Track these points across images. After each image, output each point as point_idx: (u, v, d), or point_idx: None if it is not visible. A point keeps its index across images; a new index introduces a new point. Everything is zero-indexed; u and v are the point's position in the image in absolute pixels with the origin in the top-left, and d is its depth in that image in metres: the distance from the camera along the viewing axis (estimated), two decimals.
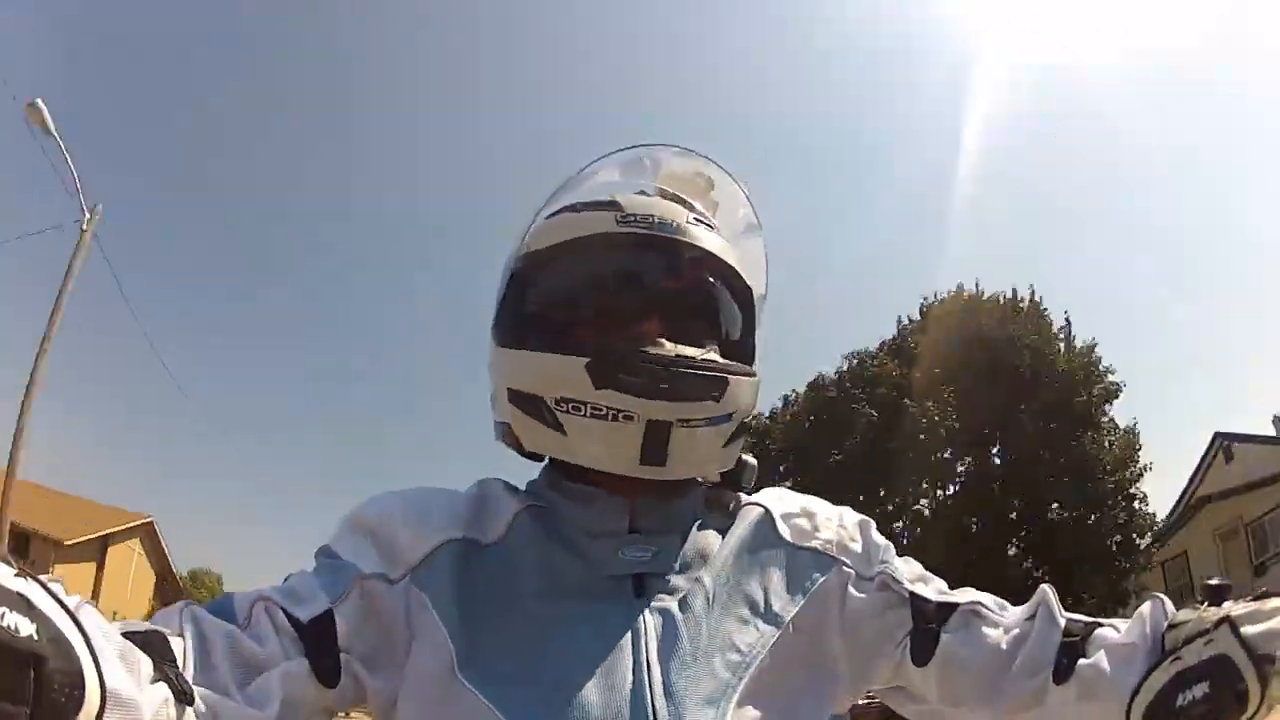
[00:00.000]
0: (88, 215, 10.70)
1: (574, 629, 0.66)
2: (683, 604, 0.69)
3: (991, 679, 0.69)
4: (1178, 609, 0.64)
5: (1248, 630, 0.55)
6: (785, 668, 0.68)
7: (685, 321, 0.72)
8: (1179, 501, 20.02)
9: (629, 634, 0.66)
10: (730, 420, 0.71)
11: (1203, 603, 0.62)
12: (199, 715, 0.53)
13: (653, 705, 0.62)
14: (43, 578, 0.43)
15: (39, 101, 9.97)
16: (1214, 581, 0.62)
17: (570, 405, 0.68)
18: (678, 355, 0.68)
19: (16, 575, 0.41)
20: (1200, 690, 0.56)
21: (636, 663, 0.64)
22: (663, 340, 0.69)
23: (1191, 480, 20.23)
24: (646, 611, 0.67)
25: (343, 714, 0.73)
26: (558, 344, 0.70)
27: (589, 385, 0.67)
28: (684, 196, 0.78)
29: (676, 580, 0.70)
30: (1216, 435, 19.53)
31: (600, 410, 0.66)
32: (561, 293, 0.75)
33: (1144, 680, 0.60)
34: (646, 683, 0.63)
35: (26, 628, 0.39)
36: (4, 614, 0.38)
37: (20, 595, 0.40)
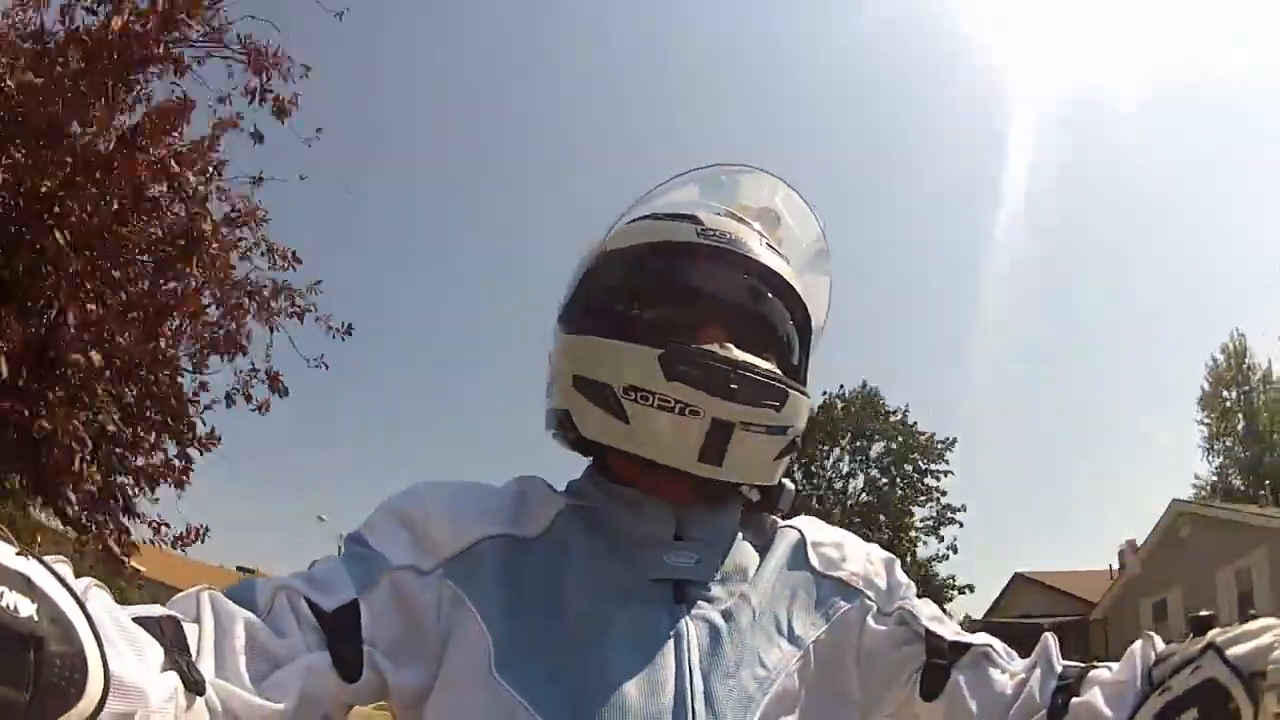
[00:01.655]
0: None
1: (616, 630, 0.66)
2: (726, 615, 0.69)
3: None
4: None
5: (1233, 652, 0.56)
6: (805, 689, 0.69)
7: (747, 334, 0.74)
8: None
9: (672, 639, 0.66)
10: (785, 434, 0.73)
11: (1190, 635, 0.62)
12: (210, 706, 0.50)
13: (693, 711, 0.62)
14: (47, 558, 0.41)
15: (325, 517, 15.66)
16: (1201, 613, 0.63)
17: (638, 394, 0.68)
18: (744, 361, 0.70)
19: (18, 555, 0.39)
20: (1190, 716, 0.57)
21: (679, 668, 0.64)
22: (730, 345, 0.71)
23: (991, 609, 22.78)
24: (689, 618, 0.68)
25: None
26: (629, 336, 0.71)
27: (660, 376, 0.68)
28: (755, 225, 0.81)
29: (716, 590, 0.71)
30: (1016, 575, 21.95)
31: (668, 402, 0.67)
32: (636, 290, 0.76)
33: (1134, 715, 0.61)
34: (689, 689, 0.63)
35: (26, 608, 0.37)
36: (3, 593, 0.37)
37: (21, 575, 0.38)
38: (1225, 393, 23.89)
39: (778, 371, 0.73)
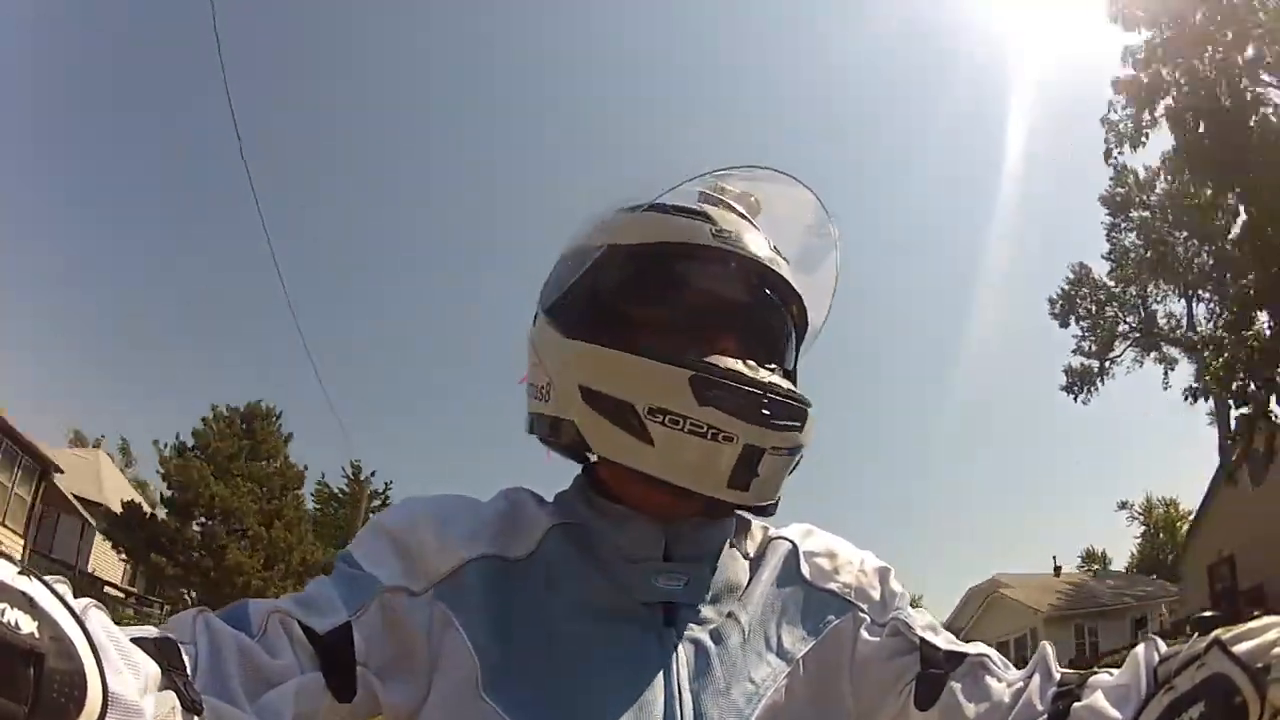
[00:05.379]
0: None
1: (604, 653, 0.66)
2: (715, 636, 0.69)
3: None
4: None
5: (1239, 648, 0.55)
6: (795, 703, 0.69)
7: (756, 342, 0.74)
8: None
9: (661, 661, 0.66)
10: (799, 453, 0.72)
11: (1195, 635, 0.61)
12: None
13: None
14: (48, 578, 0.42)
15: None
16: (1205, 614, 0.62)
17: (667, 417, 0.66)
18: (772, 383, 0.69)
19: (20, 574, 0.39)
20: (1196, 711, 0.56)
21: (669, 691, 0.65)
22: (752, 363, 0.70)
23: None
24: (678, 640, 0.68)
25: None
26: (643, 347, 0.69)
27: (692, 400, 0.66)
28: (743, 212, 0.79)
29: (706, 611, 0.71)
30: None
31: (700, 427, 0.66)
32: (648, 294, 0.74)
33: (1139, 715, 0.60)
34: (678, 710, 0.64)
35: (28, 625, 0.37)
36: (4, 610, 0.37)
37: (23, 593, 0.38)
38: None
39: (796, 390, 0.72)
